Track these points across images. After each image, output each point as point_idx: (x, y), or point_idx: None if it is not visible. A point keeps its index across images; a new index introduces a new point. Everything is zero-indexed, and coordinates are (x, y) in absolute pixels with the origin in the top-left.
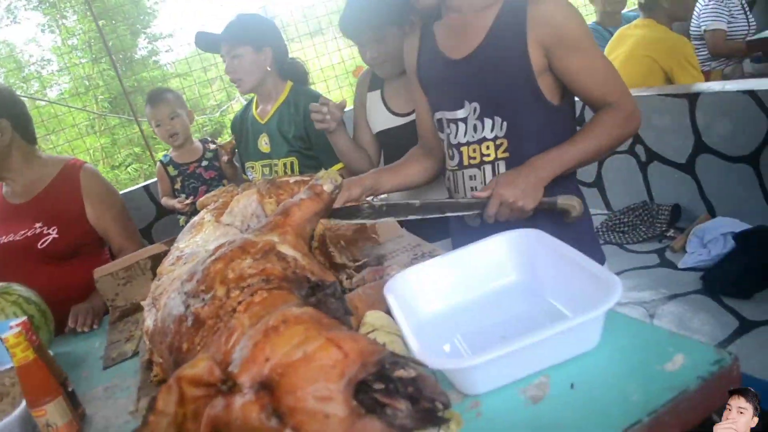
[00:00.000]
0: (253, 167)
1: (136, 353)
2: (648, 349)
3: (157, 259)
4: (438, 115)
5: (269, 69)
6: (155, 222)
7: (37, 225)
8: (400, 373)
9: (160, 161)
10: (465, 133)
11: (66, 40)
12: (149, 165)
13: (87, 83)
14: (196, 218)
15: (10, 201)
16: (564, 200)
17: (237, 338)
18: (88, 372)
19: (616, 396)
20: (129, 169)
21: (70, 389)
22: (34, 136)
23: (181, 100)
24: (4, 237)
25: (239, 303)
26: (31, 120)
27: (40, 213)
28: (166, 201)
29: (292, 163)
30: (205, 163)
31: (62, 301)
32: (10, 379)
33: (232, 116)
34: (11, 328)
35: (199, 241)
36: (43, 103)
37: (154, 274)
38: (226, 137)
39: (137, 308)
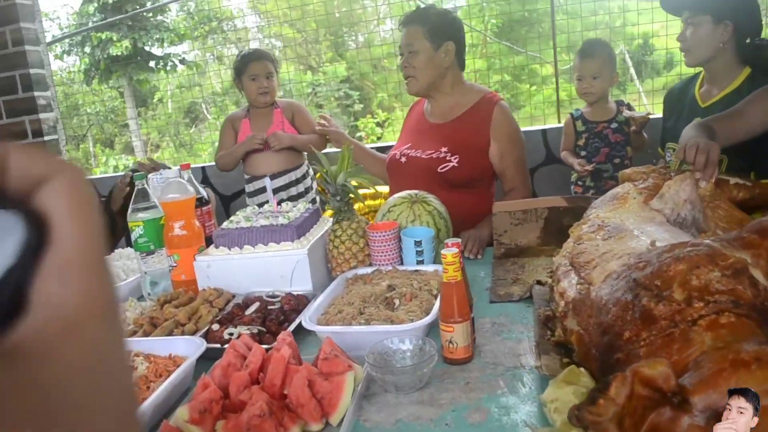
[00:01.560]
0: (673, 150)
1: (524, 299)
2: None
3: (554, 212)
4: None
5: (723, 45)
6: (540, 167)
7: (443, 149)
8: None
9: (571, 114)
10: None
11: None
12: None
13: (483, 4)
14: (619, 189)
15: (428, 118)
16: None
17: (693, 353)
18: (475, 298)
19: None
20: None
21: (472, 315)
22: (464, 62)
23: (612, 61)
24: (413, 150)
25: (701, 317)
26: (465, 48)
27: (448, 139)
28: (566, 156)
29: (720, 161)
30: (614, 125)
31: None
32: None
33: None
34: (448, 246)
35: (624, 217)
36: None
37: (545, 224)
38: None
39: (521, 251)
